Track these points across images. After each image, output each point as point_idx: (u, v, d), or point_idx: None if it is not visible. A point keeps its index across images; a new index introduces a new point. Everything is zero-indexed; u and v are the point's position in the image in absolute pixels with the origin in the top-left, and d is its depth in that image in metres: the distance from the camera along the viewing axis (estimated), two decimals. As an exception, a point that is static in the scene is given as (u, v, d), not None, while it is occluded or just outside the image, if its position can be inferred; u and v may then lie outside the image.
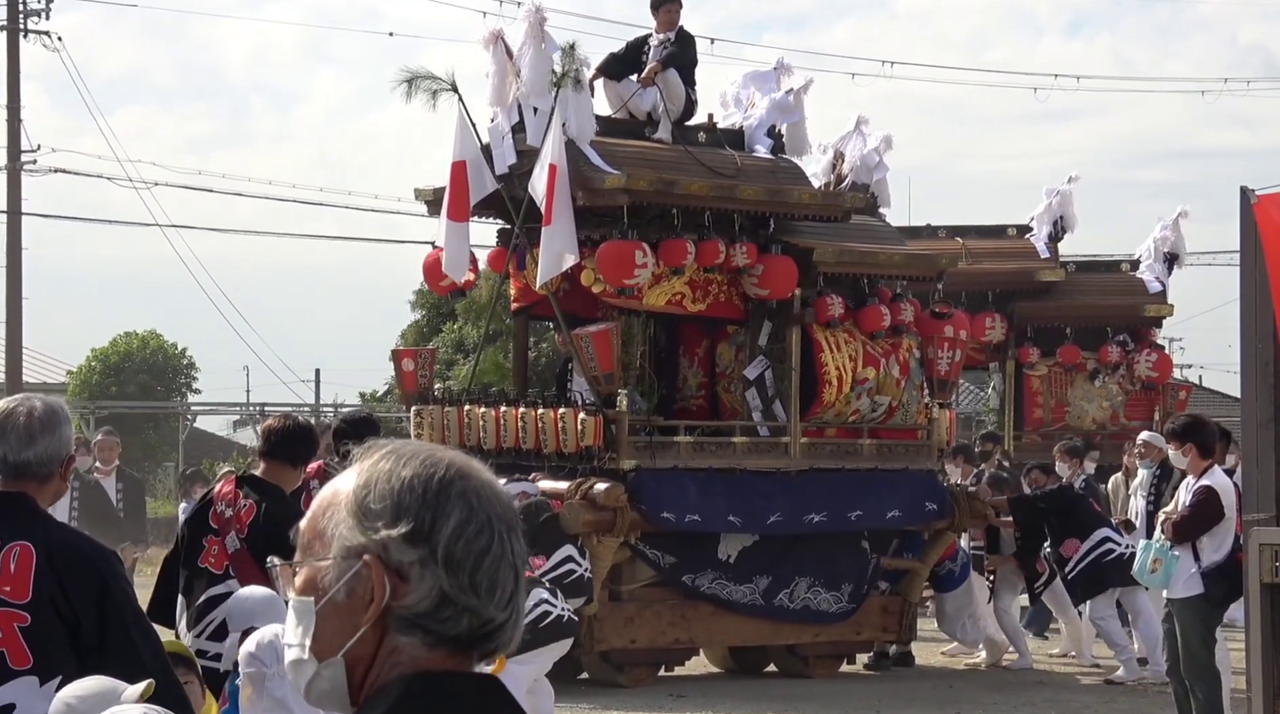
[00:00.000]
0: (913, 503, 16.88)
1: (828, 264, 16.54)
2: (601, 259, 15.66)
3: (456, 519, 2.60)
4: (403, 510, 2.60)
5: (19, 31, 40.07)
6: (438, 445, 2.67)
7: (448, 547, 2.59)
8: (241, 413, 48.56)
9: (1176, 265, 24.97)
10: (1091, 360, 24.33)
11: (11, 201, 39.88)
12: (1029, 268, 24.19)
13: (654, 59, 16.78)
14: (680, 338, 17.75)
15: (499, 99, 16.19)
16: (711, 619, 16.44)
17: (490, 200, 16.50)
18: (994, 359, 25.27)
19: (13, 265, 40.00)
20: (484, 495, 2.63)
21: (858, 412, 16.77)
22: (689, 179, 16.08)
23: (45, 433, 5.84)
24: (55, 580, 5.64)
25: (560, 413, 15.83)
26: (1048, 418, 24.39)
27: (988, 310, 23.99)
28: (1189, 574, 12.58)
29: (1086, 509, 17.87)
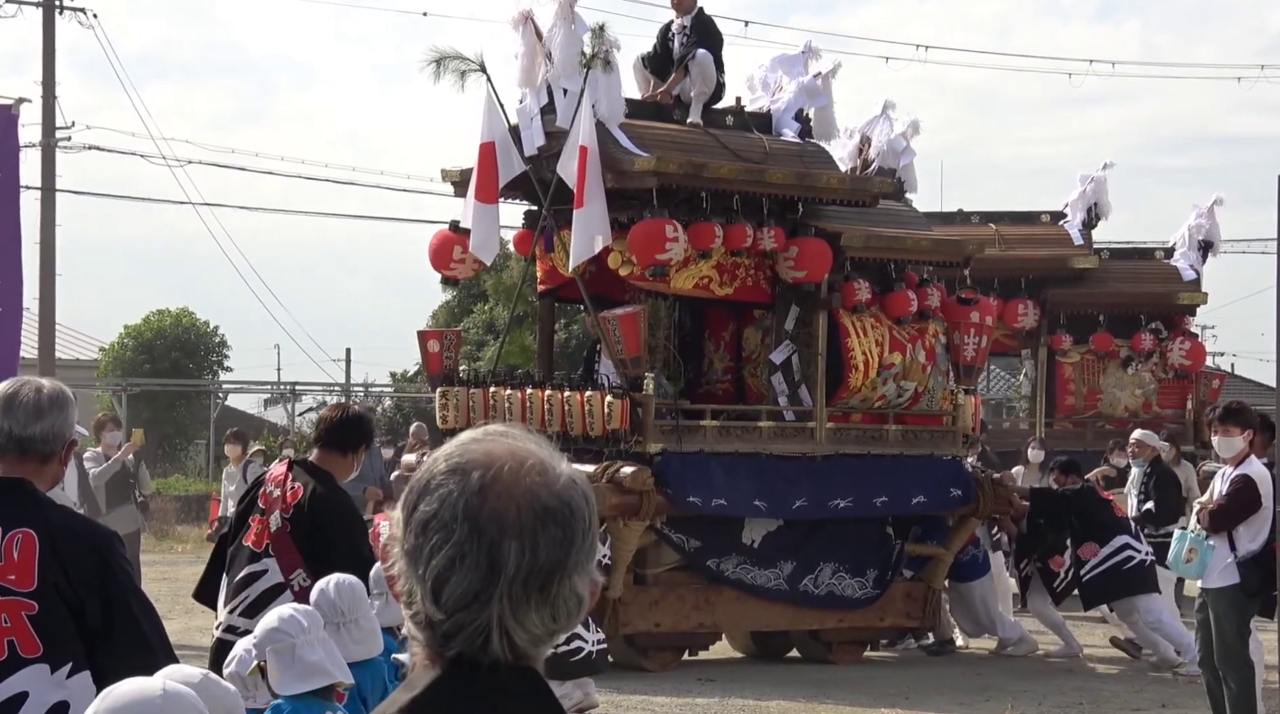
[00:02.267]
0: (938, 489, 16.85)
1: (855, 249, 16.52)
2: (633, 238, 15.63)
3: (422, 511, 2.61)
4: (408, 494, 2.65)
5: (55, 8, 40.15)
6: (516, 433, 2.66)
7: (412, 538, 2.61)
8: (272, 391, 48.63)
9: (1211, 253, 24.89)
10: (1124, 348, 24.30)
11: (46, 178, 39.93)
12: (1062, 254, 24.14)
13: (677, 48, 16.73)
14: (706, 321, 17.73)
15: (528, 80, 16.16)
16: (735, 604, 16.43)
17: (517, 182, 16.47)
18: (1026, 346, 25.25)
19: (46, 242, 40.06)
20: (475, 491, 2.59)
21: (883, 397, 16.75)
22: (718, 162, 16.04)
23: (53, 410, 5.81)
24: (58, 566, 5.61)
25: (587, 396, 15.81)
26: (1080, 405, 24.36)
27: (1020, 297, 23.93)
28: (1225, 564, 12.48)
29: (1108, 513, 17.75)
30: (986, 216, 24.85)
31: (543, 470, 2.62)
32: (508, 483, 2.59)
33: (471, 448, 2.64)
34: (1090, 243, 24.59)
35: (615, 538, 15.41)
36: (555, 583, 2.61)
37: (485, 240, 16.41)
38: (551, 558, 2.60)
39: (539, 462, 2.62)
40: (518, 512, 2.58)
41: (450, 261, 16.97)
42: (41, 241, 39.85)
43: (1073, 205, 24.56)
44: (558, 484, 2.62)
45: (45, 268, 40.02)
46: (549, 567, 2.60)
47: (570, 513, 2.61)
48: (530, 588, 2.59)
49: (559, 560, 2.61)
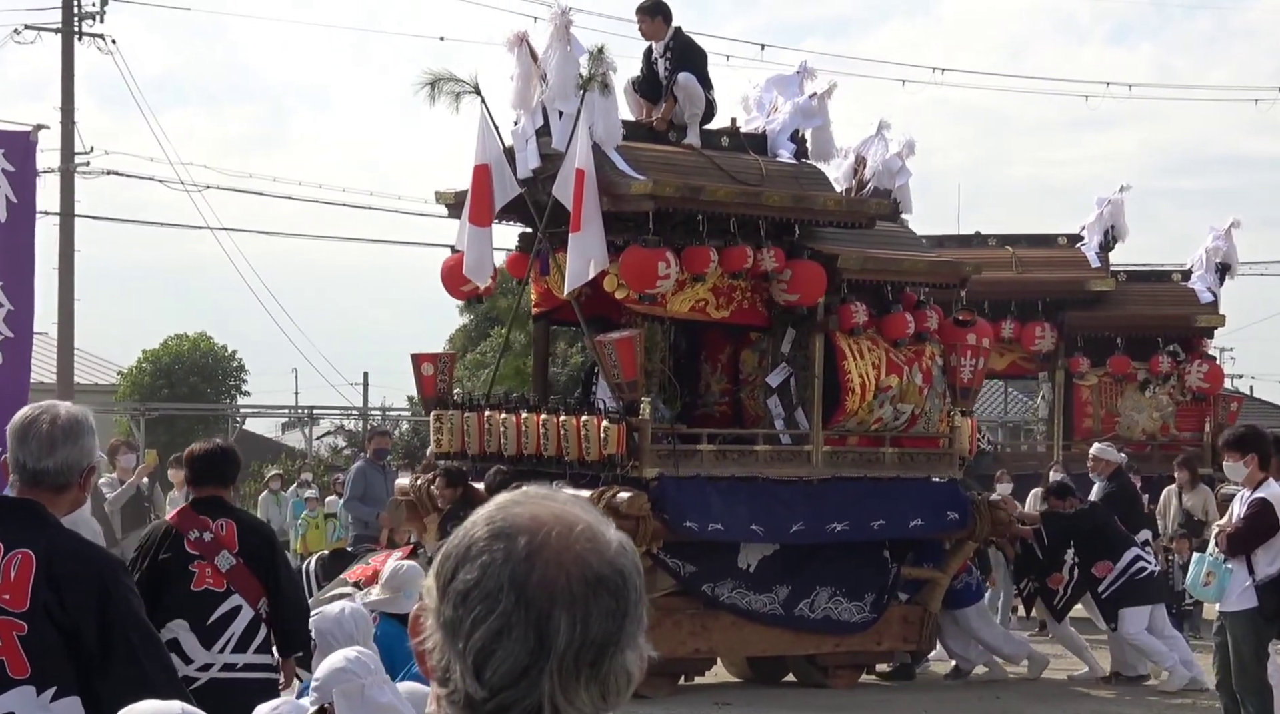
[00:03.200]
0: (934, 512, 16.76)
1: (852, 271, 16.41)
2: (625, 266, 15.50)
3: (463, 580, 2.41)
4: (443, 559, 2.46)
5: (74, 34, 40.09)
6: (560, 496, 2.48)
7: (450, 609, 2.42)
8: (290, 415, 48.55)
9: (1229, 275, 24.94)
10: (1142, 370, 24.34)
11: (65, 203, 39.95)
12: (1080, 277, 24.20)
13: (661, 72, 16.61)
14: (702, 344, 17.61)
15: (523, 102, 16.03)
16: (731, 629, 16.31)
17: (512, 204, 16.35)
18: (1043, 368, 25.28)
19: (65, 267, 40.07)
20: (521, 558, 2.39)
21: (880, 420, 16.65)
22: (714, 185, 15.92)
23: (67, 442, 5.78)
24: (52, 589, 5.57)
25: (583, 420, 15.68)
26: (1097, 428, 24.33)
27: (1038, 319, 24.06)
28: (1243, 587, 12.47)
29: (1116, 529, 17.80)
30: (1003, 239, 25.01)
31: (593, 536, 2.43)
32: (557, 549, 2.40)
33: (514, 511, 2.45)
34: (1107, 265, 24.67)
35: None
36: (608, 658, 2.41)
37: (479, 263, 16.28)
38: (604, 630, 2.40)
39: (588, 526, 2.44)
40: (568, 580, 2.39)
41: (462, 283, 16.82)
42: (60, 266, 39.86)
43: (1090, 228, 24.66)
44: (609, 550, 2.43)
45: (64, 292, 40.02)
46: (602, 640, 2.40)
47: (623, 582, 2.42)
48: (581, 663, 2.39)
49: (612, 633, 2.41)
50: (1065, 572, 17.32)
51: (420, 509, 16.61)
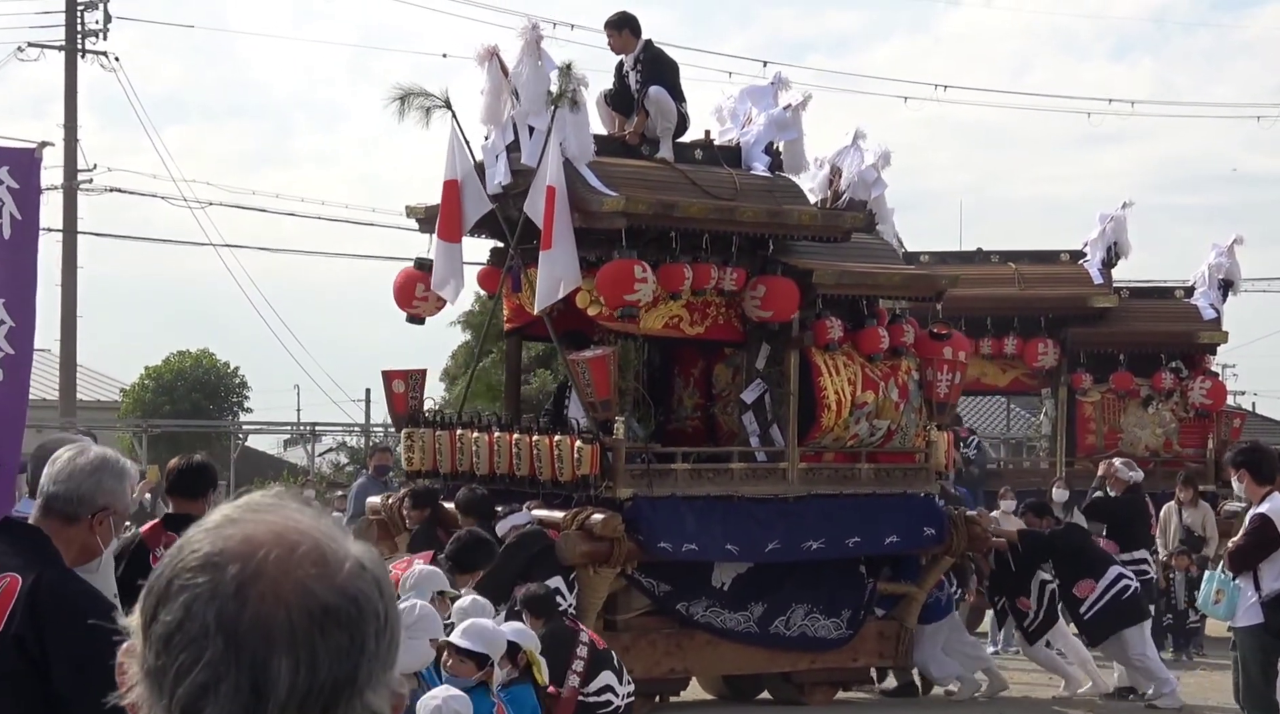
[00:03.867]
0: (911, 528, 16.60)
1: (827, 286, 16.21)
2: (601, 279, 15.28)
3: (164, 622, 2.04)
4: (145, 596, 2.09)
5: (77, 52, 39.86)
6: (287, 506, 2.10)
7: (153, 657, 2.05)
8: (292, 432, 48.30)
9: (1231, 292, 24.97)
10: (1145, 387, 24.37)
11: (67, 220, 39.86)
12: (1082, 293, 24.24)
13: (633, 84, 16.40)
14: (675, 358, 17.41)
15: (493, 117, 15.78)
16: (706, 648, 16.12)
17: (483, 219, 16.10)
18: (1046, 385, 25.33)
19: (68, 284, 40.01)
20: (230, 594, 2.02)
21: (856, 436, 16.46)
22: (688, 201, 15.70)
23: (84, 473, 5.74)
24: (30, 620, 5.41)
25: (556, 440, 15.45)
26: (1100, 444, 24.33)
27: (1040, 336, 24.14)
28: (1250, 603, 12.41)
29: (1096, 548, 17.73)
30: (1006, 255, 25.12)
31: (320, 557, 2.05)
32: (274, 578, 2.02)
33: (225, 533, 2.06)
34: (1110, 282, 24.74)
35: (585, 586, 15.08)
36: (342, 704, 2.03)
37: (447, 278, 16.04)
38: (336, 673, 2.02)
39: (315, 546, 2.05)
40: (288, 615, 2.01)
41: (413, 299, 16.60)
42: (63, 283, 39.81)
43: (1092, 244, 24.73)
44: (340, 574, 2.04)
45: (66, 309, 39.93)
46: (333, 684, 2.02)
47: (358, 611, 2.04)
48: None
49: (346, 675, 2.03)
50: (1034, 596, 17.19)
51: (391, 529, 16.35)
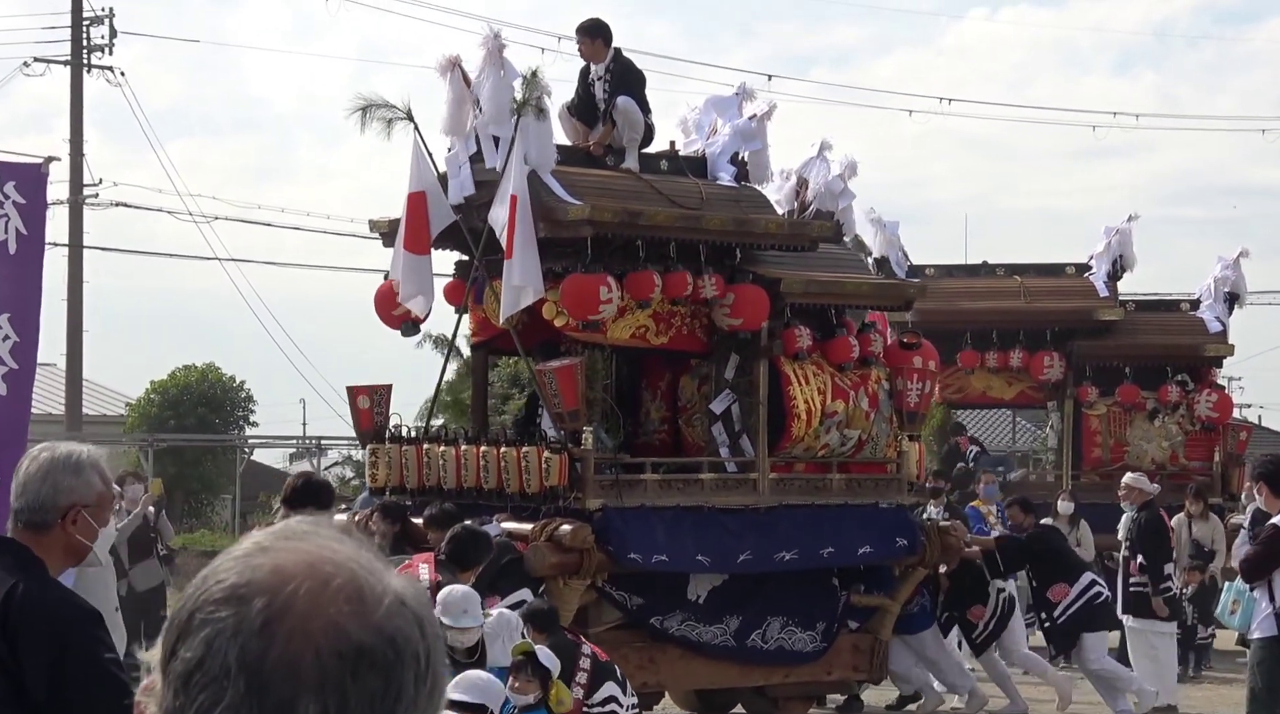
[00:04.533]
0: (883, 538, 16.47)
1: (795, 295, 16.12)
2: (565, 293, 15.20)
3: (184, 659, 1.87)
4: (166, 630, 1.94)
5: (83, 67, 40.10)
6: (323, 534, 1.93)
7: (171, 696, 1.88)
8: (298, 446, 48.20)
9: (1237, 305, 25.05)
10: (1151, 400, 24.47)
11: (73, 235, 40.05)
12: (1088, 307, 24.32)
13: (599, 94, 16.36)
14: (643, 371, 17.31)
15: (456, 128, 15.73)
16: (680, 662, 15.98)
17: (447, 231, 16.03)
18: (1052, 398, 25.40)
19: (74, 298, 40.24)
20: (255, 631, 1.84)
21: (827, 446, 16.35)
22: (654, 209, 15.63)
23: (37, 481, 5.68)
24: (4, 636, 5.33)
25: (524, 451, 15.34)
26: (1106, 457, 24.39)
27: (1046, 349, 24.24)
28: (1264, 614, 12.34)
29: (1071, 552, 17.63)
30: (1011, 268, 25.23)
31: (355, 592, 1.87)
32: (303, 614, 1.84)
33: (255, 562, 1.88)
34: (1116, 295, 24.78)
35: (555, 598, 14.93)
36: None
37: (417, 292, 15.96)
38: None
39: (351, 579, 1.88)
40: (318, 656, 1.84)
41: (393, 314, 16.49)
42: (69, 298, 40.06)
43: (1098, 257, 24.86)
44: (378, 611, 1.88)
45: (72, 324, 40.18)
46: None
47: (395, 654, 1.87)
48: None
49: None
50: (990, 605, 17.07)
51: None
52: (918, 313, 25.38)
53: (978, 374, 25.60)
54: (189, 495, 44.39)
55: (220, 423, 46.45)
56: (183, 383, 46.46)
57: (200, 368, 47.22)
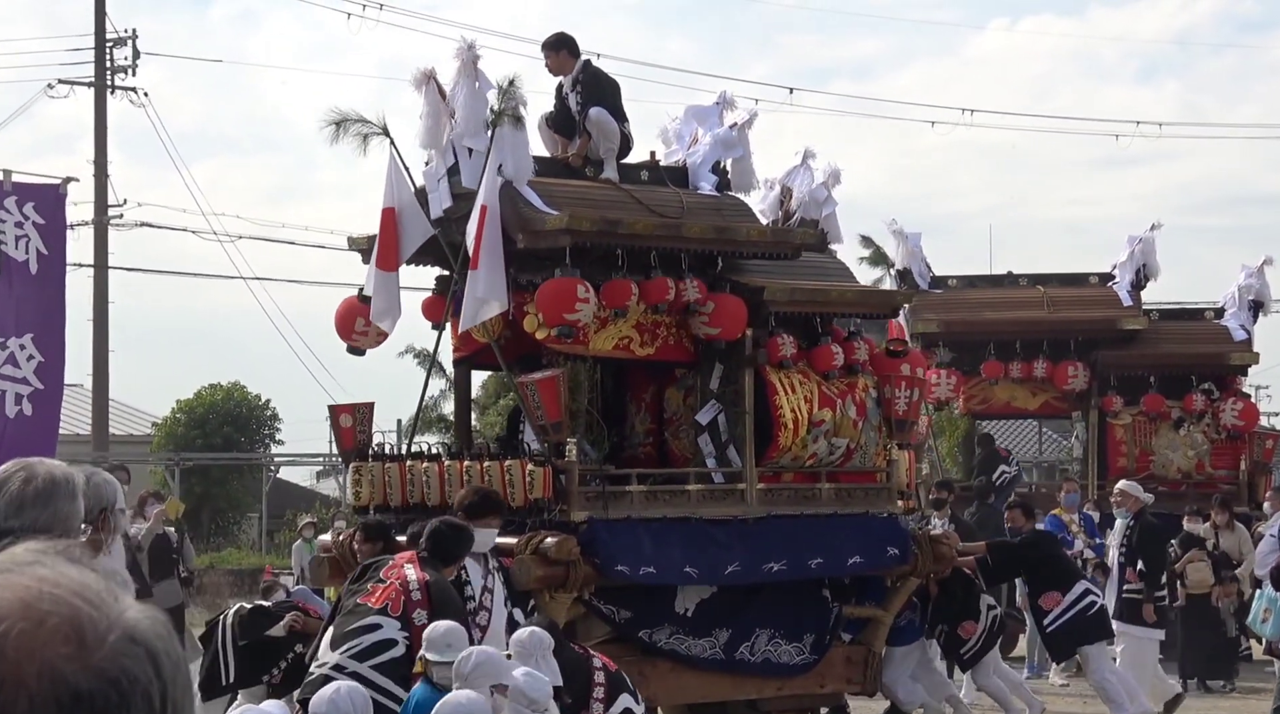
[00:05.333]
0: (874, 548, 16.28)
1: (779, 303, 15.98)
2: (541, 296, 15.10)
3: None
4: None
5: (106, 88, 40.44)
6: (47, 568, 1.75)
7: None
8: (324, 463, 48.34)
9: (1262, 312, 24.98)
10: (1176, 409, 24.44)
11: (98, 255, 40.38)
12: (1112, 316, 24.24)
13: (573, 105, 16.31)
14: (628, 383, 17.19)
15: (433, 141, 15.66)
16: (670, 675, 15.82)
17: (427, 247, 15.97)
18: (1077, 408, 25.35)
19: (99, 318, 40.59)
20: None
21: (815, 455, 16.18)
22: (633, 218, 15.53)
23: (37, 505, 5.41)
24: None
25: (507, 465, 15.24)
26: (1132, 467, 24.32)
27: (1070, 359, 24.18)
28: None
29: (1066, 558, 17.41)
30: (1035, 279, 25.22)
31: (75, 632, 1.71)
32: (15, 659, 1.67)
33: None
34: (1140, 304, 24.70)
35: (541, 612, 14.82)
36: None
37: (386, 309, 15.91)
38: None
39: (70, 617, 1.71)
40: (30, 705, 1.67)
41: (354, 332, 16.44)
42: (94, 318, 40.43)
43: (1121, 266, 24.84)
44: (99, 652, 1.70)
45: (98, 344, 40.53)
46: None
47: (121, 697, 1.70)
48: None
49: None
50: (981, 621, 16.86)
51: (344, 566, 16.15)
52: (941, 324, 25.36)
53: (1001, 384, 25.49)
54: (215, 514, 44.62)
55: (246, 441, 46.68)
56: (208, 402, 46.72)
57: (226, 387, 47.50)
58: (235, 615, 15.43)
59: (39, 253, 11.25)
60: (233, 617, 15.40)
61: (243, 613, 15.49)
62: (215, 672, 15.34)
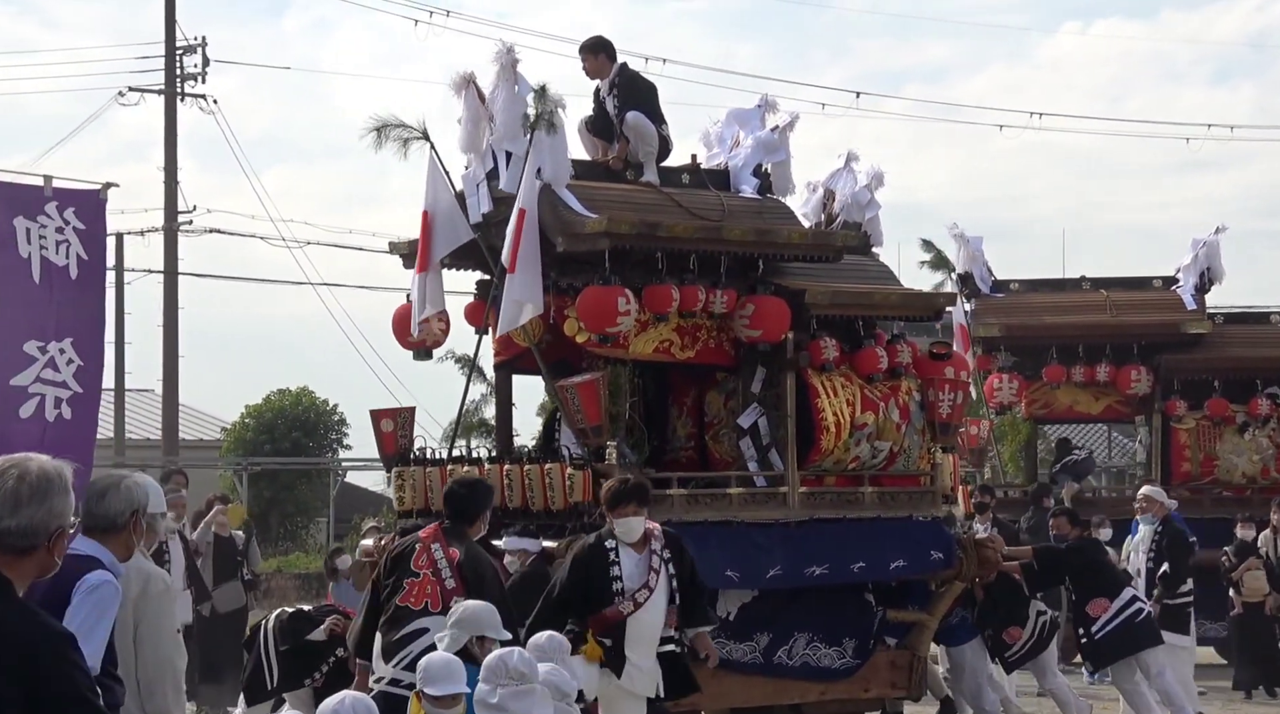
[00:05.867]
0: (917, 552, 16.16)
1: (821, 306, 15.89)
2: (582, 307, 15.08)
3: None
4: None
5: (176, 95, 40.83)
6: None
7: None
8: None
9: None
10: (1240, 413, 24.28)
11: (168, 262, 40.79)
12: (1175, 320, 24.10)
13: (610, 110, 16.31)
14: (669, 386, 17.14)
15: (473, 145, 15.70)
16: (712, 680, 15.66)
17: (467, 251, 15.99)
18: (1140, 412, 25.17)
19: (169, 324, 40.98)
20: None
21: (857, 459, 16.09)
22: (673, 221, 15.48)
23: (33, 501, 5.51)
24: None
25: (547, 468, 15.22)
26: (1196, 471, 24.16)
27: (1133, 363, 24.04)
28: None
29: (1112, 565, 17.25)
30: (1097, 282, 25.15)
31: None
32: None
33: None
34: (1204, 307, 24.52)
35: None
36: None
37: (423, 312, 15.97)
38: None
39: None
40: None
41: (409, 334, 16.48)
42: (164, 324, 40.87)
43: (1185, 270, 24.71)
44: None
45: (168, 350, 40.93)
46: None
47: None
48: None
49: None
50: (1029, 627, 16.70)
51: (386, 570, 16.18)
52: (1003, 328, 25.22)
53: (1064, 388, 25.34)
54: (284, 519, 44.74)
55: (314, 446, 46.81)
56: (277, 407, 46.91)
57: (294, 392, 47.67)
58: (276, 620, 15.46)
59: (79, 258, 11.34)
60: (274, 621, 15.43)
61: (283, 618, 15.52)
62: (259, 676, 15.38)
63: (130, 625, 8.17)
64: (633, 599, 12.88)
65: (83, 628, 7.16)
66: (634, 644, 13.00)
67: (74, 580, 7.38)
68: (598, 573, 12.94)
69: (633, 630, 12.94)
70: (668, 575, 13.09)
